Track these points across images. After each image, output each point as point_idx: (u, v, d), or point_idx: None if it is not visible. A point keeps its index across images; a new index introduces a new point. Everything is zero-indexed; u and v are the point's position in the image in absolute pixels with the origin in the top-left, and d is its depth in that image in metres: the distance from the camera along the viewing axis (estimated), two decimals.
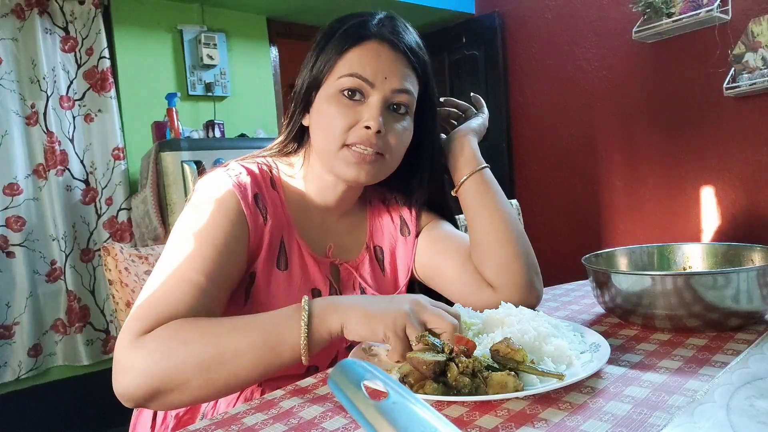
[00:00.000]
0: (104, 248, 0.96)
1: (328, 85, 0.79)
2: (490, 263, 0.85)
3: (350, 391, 0.38)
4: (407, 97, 0.80)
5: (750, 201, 2.60)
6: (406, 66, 0.80)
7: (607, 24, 3.04)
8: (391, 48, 0.79)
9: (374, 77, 0.77)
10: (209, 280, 0.69)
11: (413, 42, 0.82)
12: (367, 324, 0.63)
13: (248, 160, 0.86)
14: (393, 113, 0.80)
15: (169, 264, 0.70)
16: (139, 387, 0.61)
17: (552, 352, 0.60)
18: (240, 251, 0.76)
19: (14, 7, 2.60)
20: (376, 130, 0.76)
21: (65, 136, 2.72)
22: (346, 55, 0.78)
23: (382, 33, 0.79)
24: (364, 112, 0.78)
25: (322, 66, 0.80)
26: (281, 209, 0.83)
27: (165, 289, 0.68)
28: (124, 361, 0.62)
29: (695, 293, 0.68)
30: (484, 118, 0.99)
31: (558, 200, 3.42)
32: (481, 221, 0.87)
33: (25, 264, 2.61)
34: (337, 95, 0.78)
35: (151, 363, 0.61)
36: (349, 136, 0.78)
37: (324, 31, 0.83)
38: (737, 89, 2.49)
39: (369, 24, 0.80)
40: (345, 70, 0.77)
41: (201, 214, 0.75)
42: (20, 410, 2.59)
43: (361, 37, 0.78)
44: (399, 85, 0.79)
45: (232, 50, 3.23)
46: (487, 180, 0.89)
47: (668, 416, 0.49)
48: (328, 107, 0.78)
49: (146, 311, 0.65)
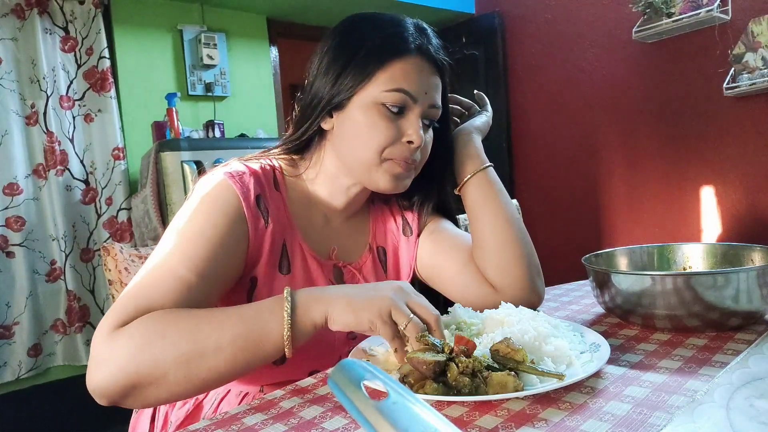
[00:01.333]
0: (104, 248, 0.96)
1: (367, 94, 0.77)
2: (493, 264, 0.84)
3: (350, 391, 0.38)
4: (438, 112, 0.82)
5: (750, 201, 2.60)
6: (440, 81, 0.82)
7: (607, 24, 3.04)
8: (431, 64, 0.80)
9: (417, 93, 0.78)
10: (199, 277, 0.67)
11: (445, 53, 0.83)
12: (352, 313, 0.62)
13: (251, 160, 0.84)
14: (425, 125, 0.81)
15: (158, 258, 0.69)
16: (115, 381, 0.59)
17: (552, 352, 0.60)
18: (237, 251, 0.74)
19: (14, 7, 2.60)
20: (418, 145, 0.78)
21: (65, 136, 2.72)
22: (388, 67, 0.77)
23: (422, 47, 0.79)
24: (406, 127, 0.78)
25: (357, 74, 0.77)
26: (284, 211, 0.82)
27: (149, 282, 0.66)
28: (98, 354, 0.60)
29: (695, 293, 0.68)
30: (488, 116, 0.99)
31: (558, 200, 3.42)
32: (484, 221, 0.86)
33: (25, 264, 2.61)
34: (379, 107, 0.77)
35: (128, 356, 0.59)
36: (390, 150, 0.78)
37: (345, 33, 0.81)
38: (737, 89, 2.49)
39: (407, 35, 0.79)
40: (390, 83, 0.77)
41: (198, 211, 0.73)
42: (20, 410, 2.59)
43: (403, 49, 0.78)
44: (435, 101, 0.81)
45: (232, 50, 3.23)
46: (491, 179, 0.89)
47: (668, 416, 0.49)
48: (368, 118, 0.77)
49: (126, 304, 0.63)
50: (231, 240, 0.73)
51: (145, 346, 0.59)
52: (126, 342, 0.59)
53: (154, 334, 0.60)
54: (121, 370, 0.58)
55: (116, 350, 0.59)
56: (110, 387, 0.59)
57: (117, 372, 0.58)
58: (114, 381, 0.59)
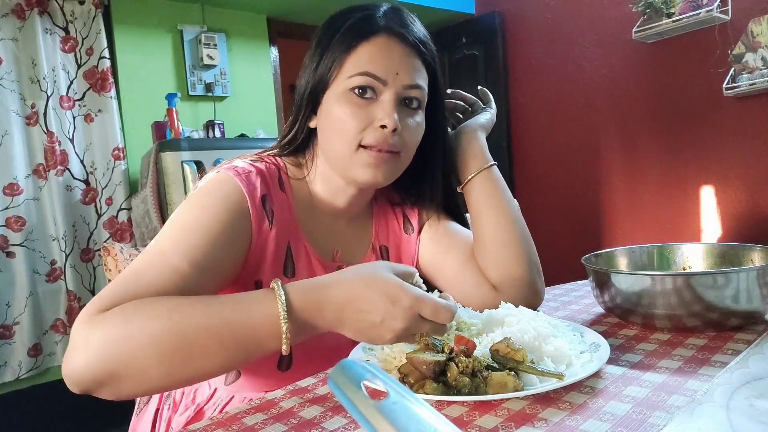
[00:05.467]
0: (104, 248, 0.96)
1: (337, 84, 0.76)
2: (494, 264, 0.84)
3: (350, 391, 0.38)
4: (419, 92, 0.78)
5: (750, 201, 2.60)
6: (417, 59, 0.78)
7: (607, 24, 3.04)
8: (400, 42, 0.76)
9: (386, 74, 0.74)
10: (193, 266, 0.64)
11: (422, 34, 0.79)
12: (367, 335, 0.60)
13: (255, 159, 0.82)
14: (406, 109, 0.77)
15: (151, 246, 0.66)
16: (90, 368, 0.54)
17: (552, 352, 0.60)
18: (236, 247, 0.71)
19: (14, 7, 2.60)
20: (392, 128, 0.74)
21: (65, 136, 2.72)
22: (354, 51, 0.74)
23: (391, 26, 0.76)
24: (377, 111, 0.74)
25: (328, 64, 0.76)
26: (288, 213, 0.80)
27: (139, 268, 0.63)
28: (76, 339, 0.56)
29: (695, 293, 0.68)
30: (492, 113, 0.97)
31: (558, 200, 3.42)
32: (487, 221, 0.85)
33: (25, 264, 2.61)
34: (347, 94, 0.75)
35: (106, 343, 0.55)
36: (365, 136, 0.75)
37: (325, 26, 0.80)
38: (737, 89, 2.49)
39: (375, 17, 0.76)
40: (355, 68, 0.74)
41: (198, 203, 0.71)
42: (20, 410, 2.59)
43: (368, 31, 0.75)
44: (411, 80, 0.76)
45: (232, 50, 3.23)
46: (494, 178, 0.88)
47: (668, 416, 0.49)
48: (339, 108, 0.75)
49: (113, 289, 0.60)
50: (231, 234, 0.70)
51: (125, 335, 0.55)
52: (106, 328, 0.56)
53: (136, 324, 0.56)
54: (98, 357, 0.54)
55: (94, 336, 0.55)
56: (85, 373, 0.55)
57: (93, 359, 0.55)
58: (88, 368, 0.55)
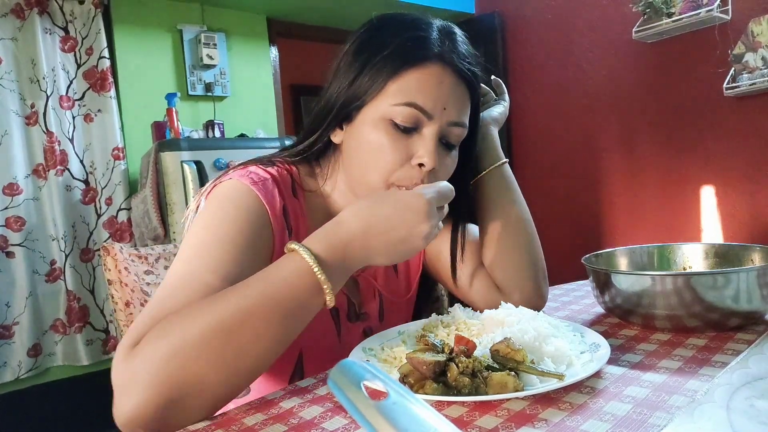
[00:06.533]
0: (104, 248, 0.96)
1: (376, 106, 0.69)
2: (501, 266, 0.83)
3: (350, 391, 0.38)
4: (461, 131, 0.72)
5: (750, 201, 2.60)
6: (465, 94, 0.72)
7: (607, 24, 3.04)
8: (453, 73, 0.70)
9: (433, 108, 0.68)
10: (226, 282, 0.60)
11: (474, 62, 0.73)
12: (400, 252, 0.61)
13: (266, 163, 0.78)
14: (444, 145, 0.72)
15: (178, 268, 0.63)
16: (147, 401, 0.50)
17: (552, 353, 0.60)
18: (261, 257, 0.68)
19: (14, 7, 2.60)
20: (430, 169, 0.69)
21: (65, 136, 2.72)
22: (402, 76, 0.68)
23: (444, 54, 0.69)
24: (417, 146, 0.69)
25: (369, 82, 0.69)
26: (302, 220, 0.77)
27: (169, 293, 0.60)
28: (120, 378, 0.52)
29: (695, 293, 0.68)
30: (506, 105, 0.93)
31: (558, 200, 3.42)
32: (496, 221, 0.83)
33: (25, 264, 2.61)
34: (387, 123, 0.69)
35: (153, 368, 0.51)
36: (398, 174, 0.69)
37: (369, 36, 0.73)
38: (737, 89, 2.49)
39: (429, 40, 0.69)
40: (401, 96, 0.67)
41: (219, 217, 0.67)
42: (20, 410, 2.59)
43: (421, 57, 0.68)
44: (457, 117, 0.71)
45: (232, 50, 3.23)
46: (506, 176, 0.85)
47: (668, 416, 0.49)
48: (376, 134, 0.69)
49: (143, 321, 0.56)
50: (257, 245, 0.68)
51: (167, 352, 0.51)
52: (146, 355, 0.51)
53: (174, 335, 0.52)
54: (151, 387, 0.50)
55: (138, 367, 0.51)
56: (143, 411, 0.50)
57: (146, 391, 0.50)
58: (145, 403, 0.50)
